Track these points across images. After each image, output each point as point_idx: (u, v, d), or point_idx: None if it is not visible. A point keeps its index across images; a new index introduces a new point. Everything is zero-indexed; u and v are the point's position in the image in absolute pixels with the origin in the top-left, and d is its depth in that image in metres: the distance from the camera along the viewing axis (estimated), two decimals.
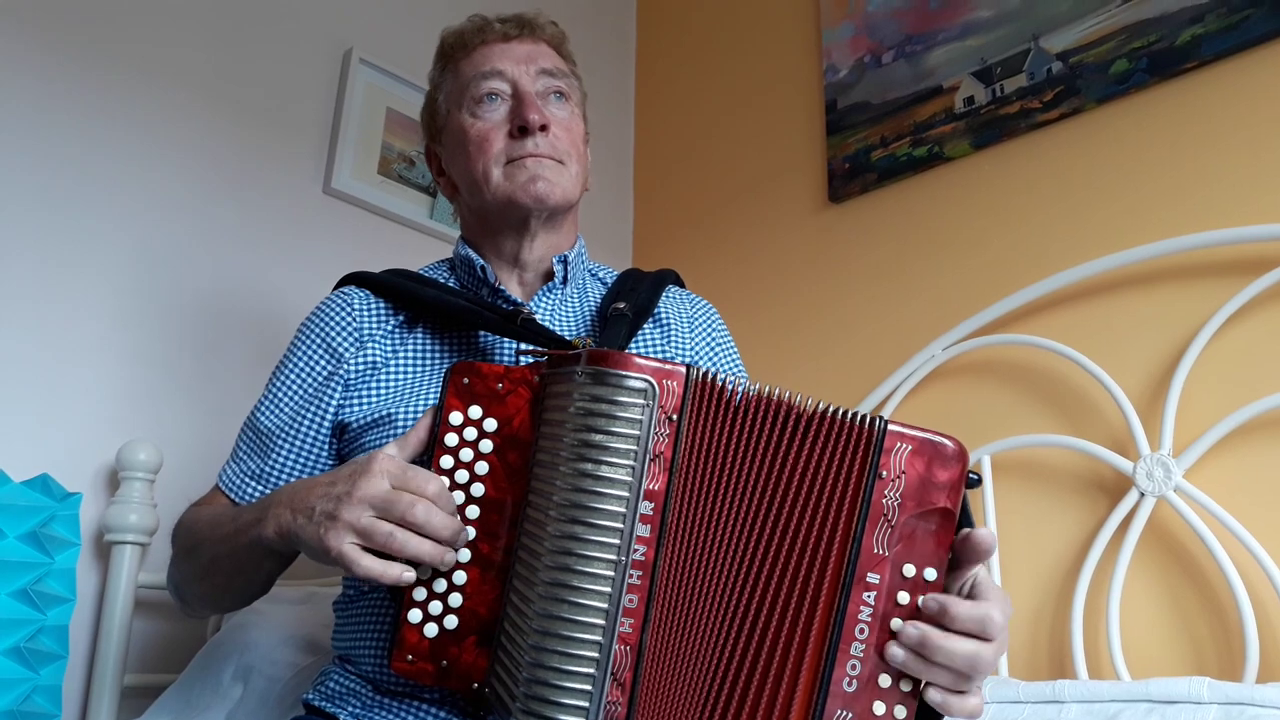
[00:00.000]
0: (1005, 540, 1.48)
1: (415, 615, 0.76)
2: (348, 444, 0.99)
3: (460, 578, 0.76)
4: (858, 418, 0.73)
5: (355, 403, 0.99)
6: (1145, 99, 1.50)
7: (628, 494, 0.71)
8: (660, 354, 1.07)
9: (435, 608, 0.76)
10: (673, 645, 0.71)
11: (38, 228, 1.42)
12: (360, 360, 1.01)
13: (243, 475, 1.02)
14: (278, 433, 1.01)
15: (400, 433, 0.92)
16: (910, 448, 0.72)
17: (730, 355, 1.16)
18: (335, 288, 1.09)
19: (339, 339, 1.02)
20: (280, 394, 1.02)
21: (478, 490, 0.77)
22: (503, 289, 1.05)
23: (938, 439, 0.73)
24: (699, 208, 2.16)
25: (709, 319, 1.16)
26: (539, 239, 1.07)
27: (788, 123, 2.02)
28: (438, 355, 1.02)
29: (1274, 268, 1.30)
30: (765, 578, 0.72)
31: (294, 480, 0.97)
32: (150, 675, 1.39)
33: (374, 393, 0.99)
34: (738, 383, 0.74)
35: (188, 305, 1.55)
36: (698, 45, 2.28)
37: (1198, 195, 1.42)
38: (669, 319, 1.11)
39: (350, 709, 0.89)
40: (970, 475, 0.74)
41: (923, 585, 0.72)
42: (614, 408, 0.72)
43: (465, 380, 0.79)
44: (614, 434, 0.71)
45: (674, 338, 1.10)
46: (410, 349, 1.02)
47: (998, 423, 1.55)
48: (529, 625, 0.71)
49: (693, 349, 1.11)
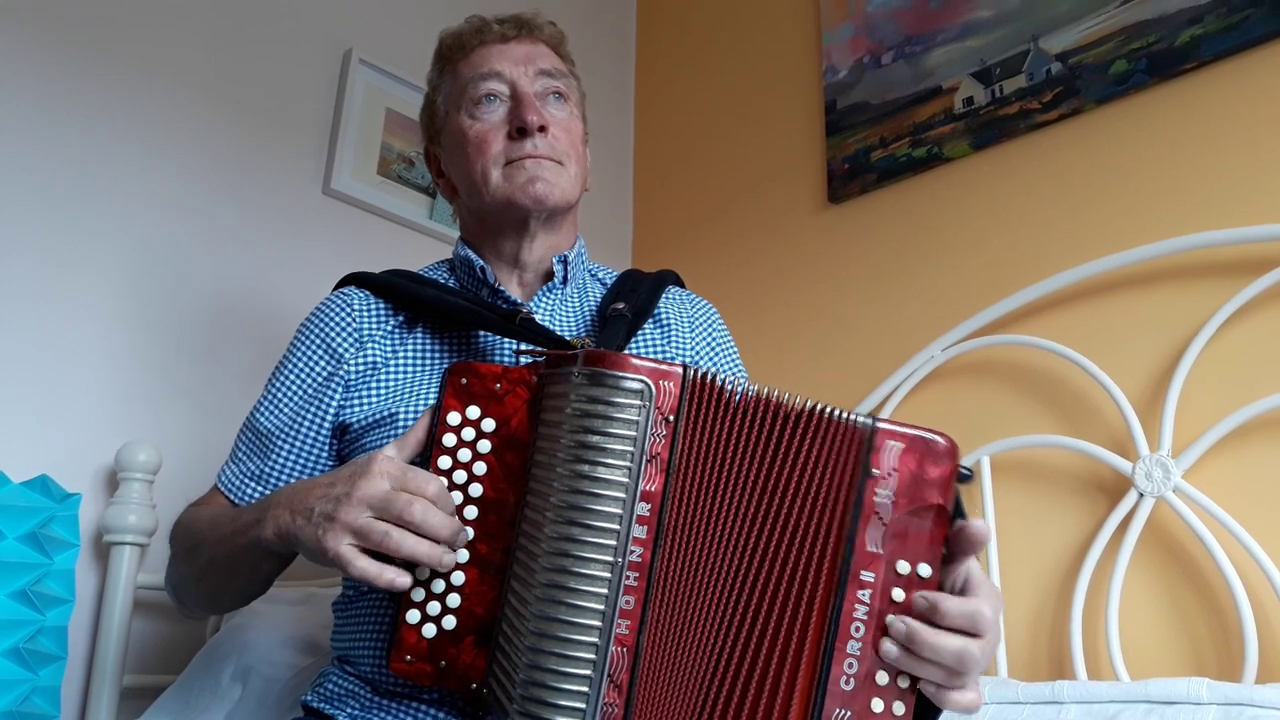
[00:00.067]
0: (1005, 541, 1.48)
1: (414, 616, 0.76)
2: (349, 444, 0.99)
3: (458, 578, 0.76)
4: (849, 417, 0.73)
5: (356, 403, 0.99)
6: (1144, 100, 1.50)
7: (624, 495, 0.71)
8: (661, 354, 1.07)
9: (433, 608, 0.76)
10: (669, 647, 0.71)
11: (38, 228, 1.42)
12: (360, 361, 1.01)
13: (242, 476, 1.01)
14: (277, 433, 1.01)
15: (402, 432, 0.92)
16: (901, 445, 0.72)
17: (730, 355, 1.16)
18: (335, 288, 1.09)
19: (339, 339, 1.02)
20: (280, 395, 1.02)
21: (476, 491, 0.77)
22: (502, 289, 1.05)
23: (928, 436, 0.73)
24: (699, 208, 2.16)
25: (709, 319, 1.16)
26: (538, 240, 1.07)
27: (787, 123, 2.02)
28: (438, 355, 1.01)
29: (1274, 268, 1.30)
30: (761, 578, 0.72)
31: (293, 481, 0.98)
32: (149, 676, 1.39)
33: (375, 393, 0.99)
34: (735, 383, 0.74)
35: (187, 306, 1.55)
36: (698, 45, 2.28)
37: (1197, 195, 1.42)
38: (669, 319, 1.11)
39: (349, 710, 0.89)
40: (962, 471, 0.74)
41: (917, 582, 0.72)
42: (610, 409, 0.71)
43: (463, 380, 0.79)
44: (610, 435, 0.71)
45: (674, 338, 1.10)
46: (410, 349, 1.02)
47: (997, 423, 1.55)
48: (526, 626, 0.71)
49: (693, 349, 1.11)
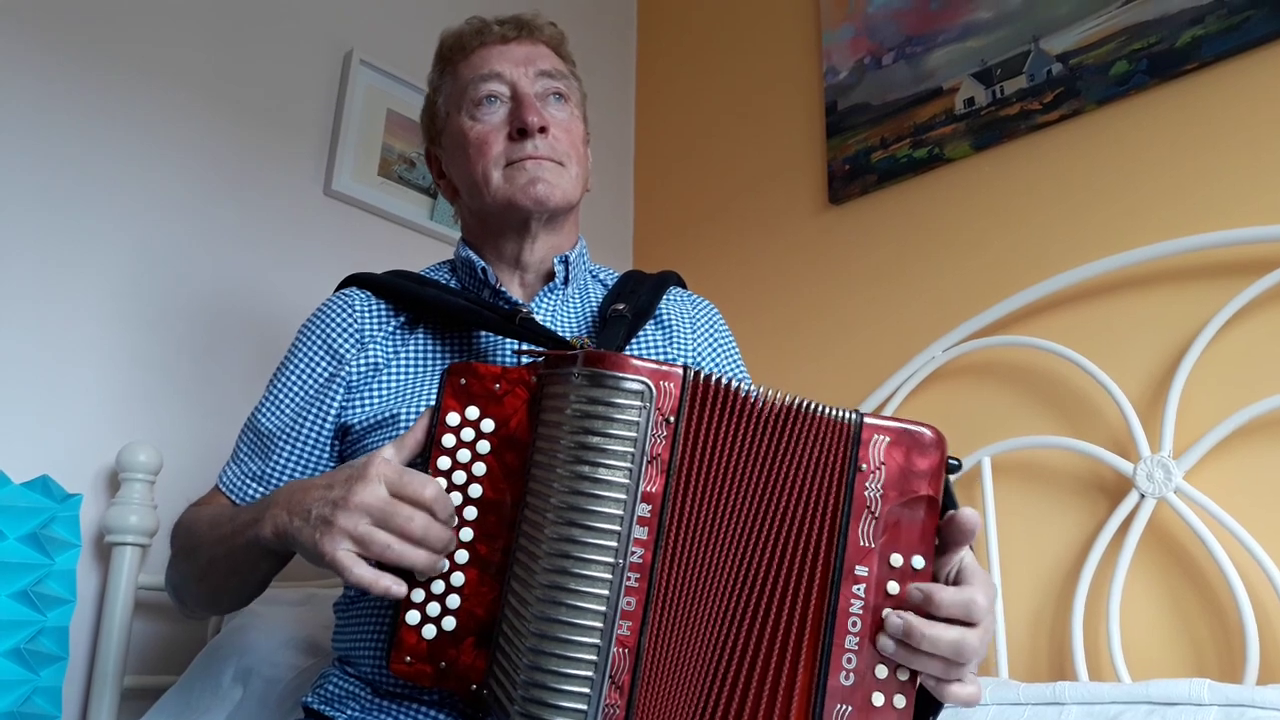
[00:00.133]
0: (1005, 542, 1.48)
1: (413, 617, 0.76)
2: (350, 445, 0.99)
3: (458, 579, 0.76)
4: (834, 413, 0.73)
5: (358, 404, 0.99)
6: (1145, 100, 1.50)
7: (625, 496, 0.71)
8: (662, 355, 1.07)
9: (433, 609, 0.76)
10: (670, 647, 0.71)
11: (38, 228, 1.42)
12: (362, 361, 1.01)
13: (243, 476, 1.02)
14: (278, 434, 1.01)
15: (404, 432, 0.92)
16: (888, 439, 0.73)
17: (732, 356, 1.16)
18: (336, 289, 1.09)
19: (340, 340, 1.02)
20: (281, 395, 1.02)
21: (475, 491, 0.77)
22: (503, 290, 1.05)
23: (914, 428, 0.73)
24: (699, 209, 2.16)
25: (711, 320, 1.16)
26: (540, 240, 1.07)
27: (788, 124, 2.02)
28: (439, 355, 1.01)
29: (1274, 269, 1.30)
30: (760, 577, 0.72)
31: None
32: (150, 677, 1.39)
33: (376, 394, 0.99)
34: (736, 383, 0.74)
35: (188, 306, 1.55)
36: (698, 45, 2.28)
37: (1198, 196, 1.42)
38: (671, 320, 1.11)
39: (349, 711, 0.89)
40: (950, 461, 0.74)
41: (911, 574, 0.72)
42: (611, 409, 0.71)
43: (462, 381, 0.79)
44: (611, 436, 0.71)
45: (676, 339, 1.10)
46: (412, 350, 1.02)
47: (998, 424, 1.55)
48: (527, 628, 0.71)
49: (695, 350, 1.11)
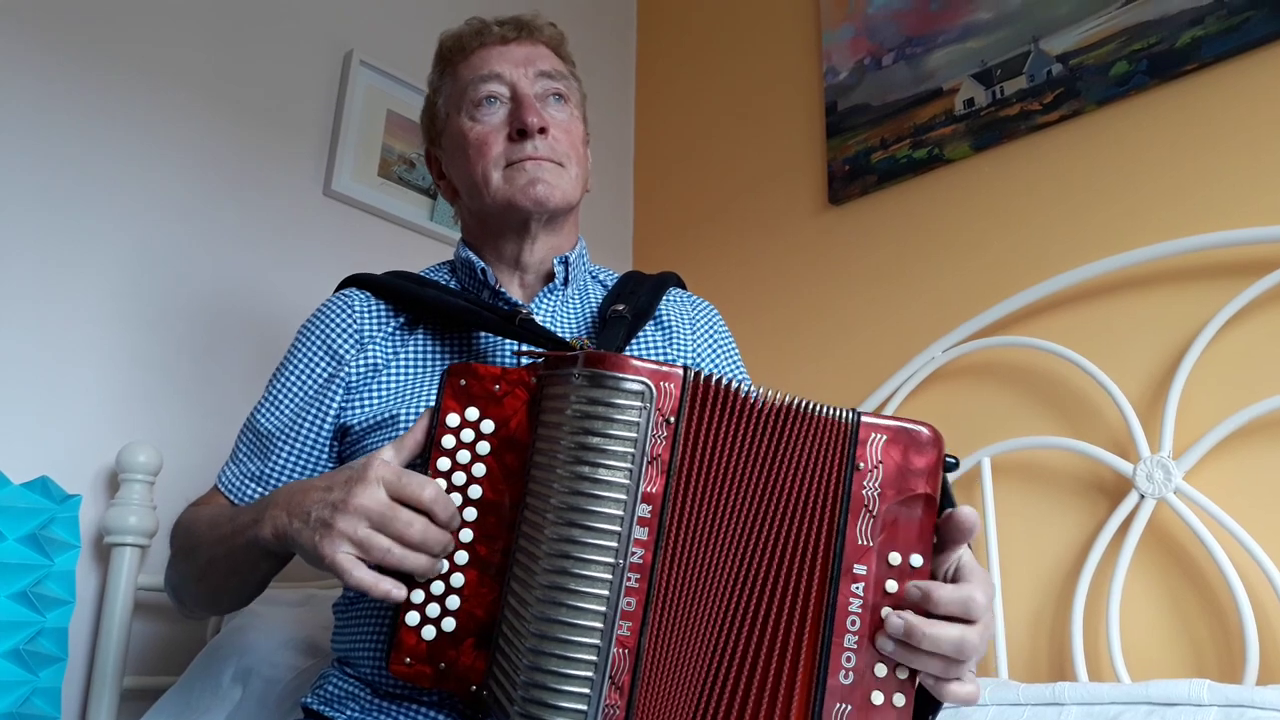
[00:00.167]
0: (1005, 542, 1.48)
1: (413, 618, 0.75)
2: (350, 446, 0.99)
3: (458, 580, 0.76)
4: (832, 411, 0.73)
5: (357, 405, 0.99)
6: (1145, 101, 1.50)
7: (625, 497, 0.71)
8: (662, 356, 1.07)
9: (433, 610, 0.76)
10: (670, 648, 0.71)
11: (38, 228, 1.42)
12: (361, 362, 1.01)
13: (242, 477, 1.02)
14: (278, 434, 1.01)
15: (404, 433, 0.92)
16: (885, 437, 0.73)
17: (732, 357, 1.16)
18: (336, 290, 1.09)
19: (340, 341, 1.02)
20: (281, 396, 1.02)
21: (475, 492, 0.77)
22: (503, 291, 1.05)
23: (911, 426, 0.73)
24: (699, 209, 2.16)
25: (710, 320, 1.16)
26: (539, 241, 1.07)
27: (788, 124, 2.02)
28: (439, 356, 1.01)
29: (1274, 269, 1.30)
30: (760, 577, 0.72)
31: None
32: (150, 678, 1.38)
33: (376, 395, 0.99)
34: (736, 383, 0.74)
35: (187, 306, 1.55)
36: (698, 46, 2.28)
37: (1198, 197, 1.42)
38: (670, 321, 1.11)
39: (348, 712, 0.89)
40: (947, 459, 0.74)
41: (909, 572, 0.72)
42: (611, 410, 0.71)
43: (462, 382, 0.79)
44: (611, 436, 0.71)
45: (676, 340, 1.10)
46: (411, 350, 1.02)
47: (998, 424, 1.55)
48: (527, 628, 0.71)
49: (694, 351, 1.10)
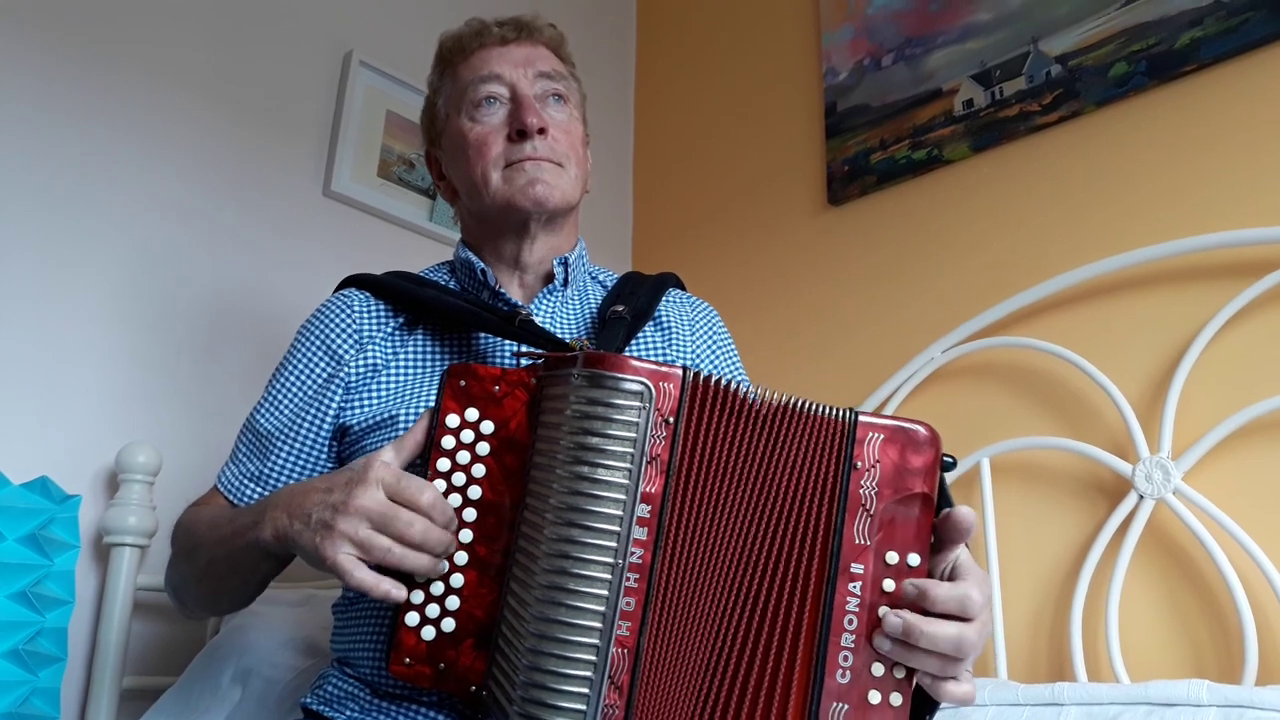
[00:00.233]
0: (1004, 542, 1.48)
1: (413, 618, 0.76)
2: (349, 446, 0.99)
3: (458, 580, 0.76)
4: (829, 411, 0.73)
5: (357, 405, 0.99)
6: (1144, 102, 1.50)
7: (624, 497, 0.71)
8: (661, 356, 1.07)
9: (433, 610, 0.76)
10: (669, 648, 0.71)
11: (38, 228, 1.42)
12: (361, 363, 1.01)
13: (241, 477, 1.02)
14: (277, 435, 1.01)
15: (403, 434, 0.92)
16: (882, 436, 0.73)
17: (731, 357, 1.16)
18: (335, 290, 1.09)
19: (339, 341, 1.02)
20: (280, 396, 1.03)
21: (475, 493, 0.77)
22: (503, 292, 1.05)
23: (909, 425, 0.73)
24: (699, 209, 2.16)
25: (710, 321, 1.16)
26: (539, 241, 1.07)
27: (787, 125, 2.02)
28: (438, 357, 1.02)
29: (1273, 270, 1.30)
30: (757, 576, 0.72)
31: (293, 482, 0.98)
32: (149, 678, 1.38)
33: (375, 395, 0.99)
34: (735, 384, 0.74)
35: (187, 307, 1.55)
36: (698, 46, 2.28)
37: (1196, 198, 1.42)
38: (669, 322, 1.11)
39: (348, 713, 0.89)
40: (945, 458, 0.74)
41: (907, 571, 0.72)
42: (610, 410, 0.72)
43: (462, 382, 0.79)
44: (610, 437, 0.71)
45: (675, 341, 1.10)
46: (411, 351, 1.02)
47: (997, 425, 1.55)
48: (526, 629, 0.71)
49: (693, 351, 1.11)
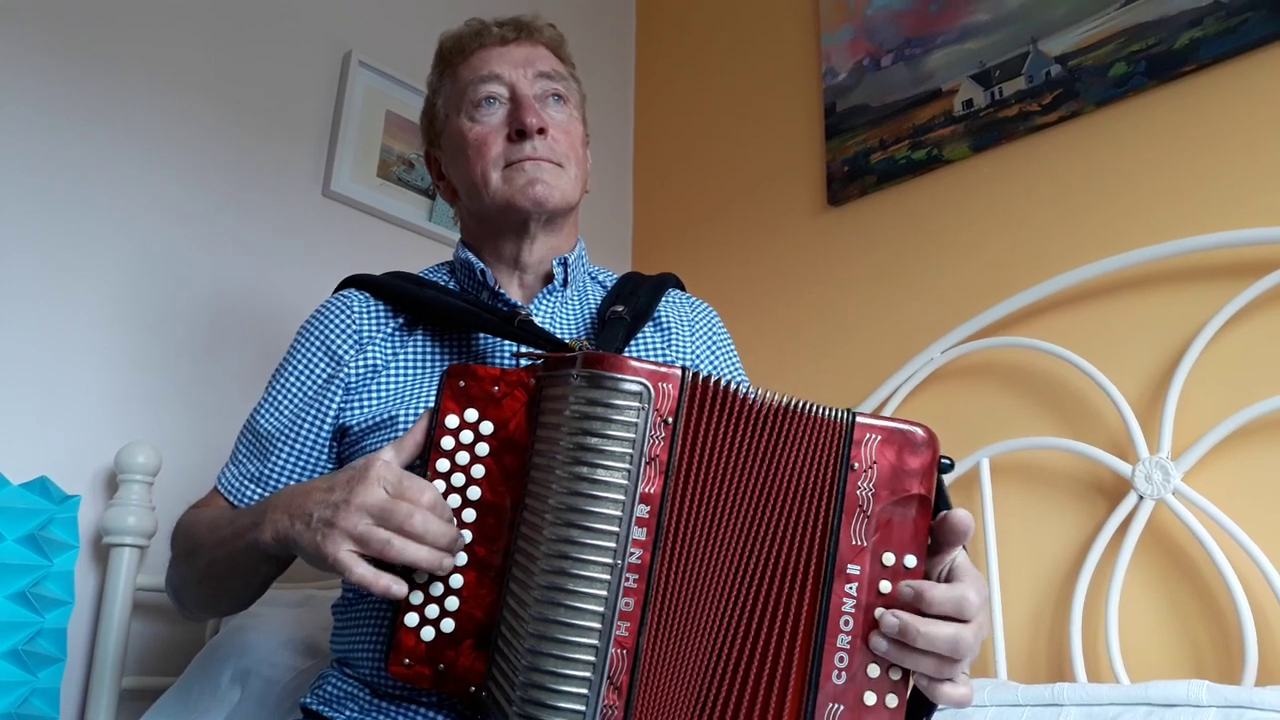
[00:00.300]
0: (1004, 543, 1.48)
1: (412, 619, 0.76)
2: (349, 447, 0.99)
3: (457, 581, 0.76)
4: (827, 412, 0.73)
5: (356, 406, 0.99)
6: (1143, 102, 1.50)
7: (623, 497, 0.71)
8: (661, 357, 1.07)
9: (432, 611, 0.76)
10: (668, 648, 0.71)
11: (38, 230, 1.42)
12: (360, 363, 1.01)
13: (241, 478, 1.02)
14: (277, 435, 1.01)
15: (402, 435, 0.92)
16: (880, 438, 0.73)
17: (730, 358, 1.16)
18: (335, 291, 1.09)
19: (339, 342, 1.02)
20: (280, 397, 1.03)
21: (474, 494, 0.77)
22: (502, 292, 1.05)
23: (906, 427, 0.73)
24: (699, 210, 2.16)
25: (709, 322, 1.16)
26: (539, 241, 1.07)
27: (787, 125, 2.02)
28: (438, 357, 1.02)
29: (1272, 270, 1.30)
30: (755, 577, 0.72)
31: (293, 483, 0.98)
32: (148, 678, 1.39)
33: (375, 395, 0.99)
34: (733, 384, 0.74)
35: (187, 307, 1.55)
36: (698, 47, 2.28)
37: (1196, 198, 1.42)
38: (669, 322, 1.11)
39: (347, 713, 0.89)
40: (942, 460, 0.74)
41: (903, 573, 0.72)
42: (609, 411, 0.72)
43: (461, 383, 0.79)
44: (609, 437, 0.71)
45: (674, 341, 1.10)
46: (410, 351, 1.02)
47: (997, 425, 1.55)
48: (525, 629, 0.71)
49: (693, 352, 1.11)
